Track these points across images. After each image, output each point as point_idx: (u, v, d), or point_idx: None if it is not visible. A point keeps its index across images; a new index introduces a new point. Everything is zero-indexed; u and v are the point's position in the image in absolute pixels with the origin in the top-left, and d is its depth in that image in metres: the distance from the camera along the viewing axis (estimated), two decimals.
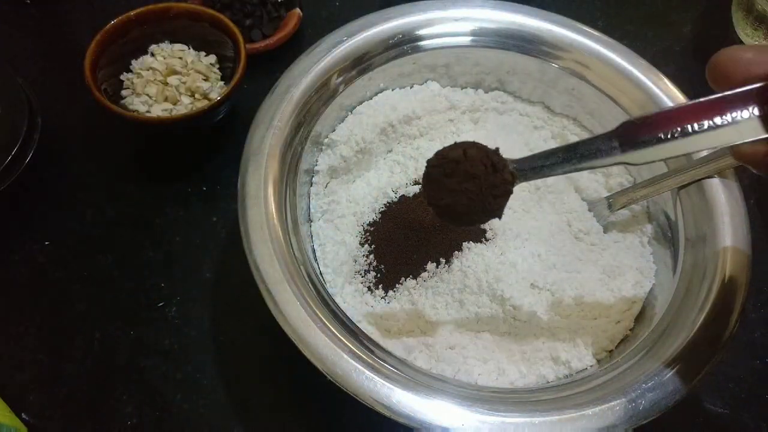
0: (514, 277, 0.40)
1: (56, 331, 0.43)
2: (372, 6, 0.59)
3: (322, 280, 0.40)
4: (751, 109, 0.25)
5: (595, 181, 0.47)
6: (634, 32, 0.61)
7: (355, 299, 0.41)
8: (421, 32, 0.45)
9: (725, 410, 0.42)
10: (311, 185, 0.44)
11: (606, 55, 0.44)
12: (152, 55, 0.50)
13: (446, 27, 0.45)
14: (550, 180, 0.44)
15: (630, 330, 0.40)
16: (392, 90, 0.47)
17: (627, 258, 0.43)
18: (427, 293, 0.41)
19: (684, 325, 0.34)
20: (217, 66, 0.51)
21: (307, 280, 0.35)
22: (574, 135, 0.48)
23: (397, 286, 0.41)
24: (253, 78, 0.49)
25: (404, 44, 0.45)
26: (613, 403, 0.31)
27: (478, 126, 0.48)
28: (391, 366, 0.33)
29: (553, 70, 0.46)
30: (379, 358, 0.33)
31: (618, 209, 0.44)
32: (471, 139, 0.31)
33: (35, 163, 0.46)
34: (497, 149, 0.30)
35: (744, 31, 0.59)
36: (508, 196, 0.30)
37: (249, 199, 0.36)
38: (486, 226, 0.42)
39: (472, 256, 0.41)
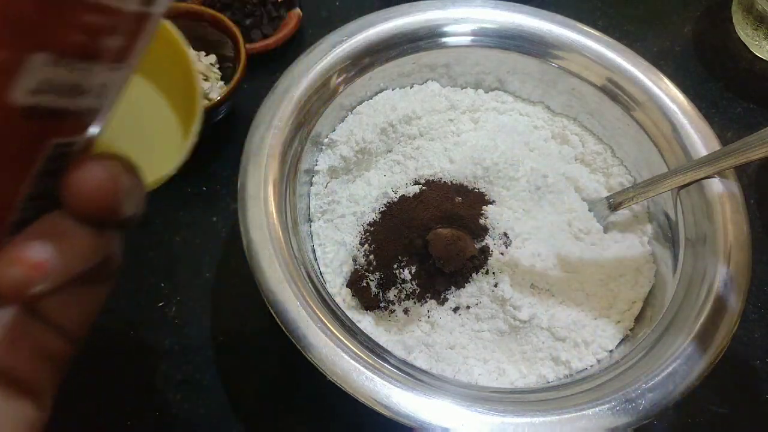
0: (514, 278, 0.40)
1: None
2: (372, 6, 0.59)
3: (322, 280, 0.40)
4: None
5: (595, 181, 0.47)
6: (634, 32, 0.61)
7: (355, 299, 0.41)
8: (421, 32, 0.45)
9: (725, 410, 0.42)
10: (311, 185, 0.44)
11: (606, 55, 0.44)
12: None
13: (446, 27, 0.45)
14: (550, 180, 0.44)
15: (630, 330, 0.40)
16: (392, 90, 0.47)
17: (627, 258, 0.43)
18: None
19: (684, 325, 0.35)
20: (217, 66, 0.51)
21: (307, 280, 0.35)
22: (574, 135, 0.48)
23: (397, 286, 0.41)
24: (253, 78, 0.49)
25: (404, 44, 0.45)
26: (613, 403, 0.31)
27: (478, 126, 0.48)
28: (391, 366, 0.33)
29: (553, 70, 0.46)
30: (379, 358, 0.33)
31: (618, 209, 0.44)
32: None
33: None
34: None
35: (744, 31, 0.59)
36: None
37: (249, 199, 0.36)
38: (488, 225, 0.42)
39: None
